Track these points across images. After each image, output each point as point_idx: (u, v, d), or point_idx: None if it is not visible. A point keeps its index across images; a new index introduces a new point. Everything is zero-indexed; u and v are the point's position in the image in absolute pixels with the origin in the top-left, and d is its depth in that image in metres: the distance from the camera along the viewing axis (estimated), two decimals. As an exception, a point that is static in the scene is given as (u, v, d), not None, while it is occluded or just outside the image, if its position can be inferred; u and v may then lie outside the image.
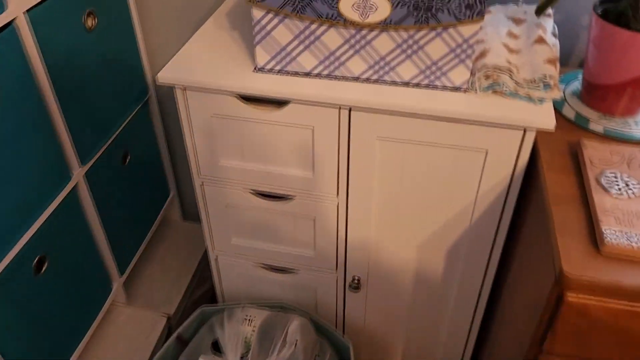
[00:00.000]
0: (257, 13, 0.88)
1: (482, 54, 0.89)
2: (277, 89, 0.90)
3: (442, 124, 0.89)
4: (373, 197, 1.01)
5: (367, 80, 0.91)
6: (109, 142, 1.19)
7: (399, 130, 0.91)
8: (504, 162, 0.91)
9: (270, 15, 0.87)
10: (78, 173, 1.10)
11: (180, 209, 1.63)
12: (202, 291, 1.54)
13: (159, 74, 0.93)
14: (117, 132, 1.22)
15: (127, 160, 1.29)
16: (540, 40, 0.91)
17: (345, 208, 1.05)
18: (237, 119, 0.98)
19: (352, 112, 0.91)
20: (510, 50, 0.92)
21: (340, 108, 0.91)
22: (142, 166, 1.37)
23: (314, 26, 0.87)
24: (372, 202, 1.02)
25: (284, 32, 0.88)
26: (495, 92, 0.88)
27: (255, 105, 0.95)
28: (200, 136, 1.02)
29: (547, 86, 0.85)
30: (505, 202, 0.95)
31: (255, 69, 0.95)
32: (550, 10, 1.00)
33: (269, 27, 0.88)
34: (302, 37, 0.88)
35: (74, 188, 1.10)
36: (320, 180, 1.01)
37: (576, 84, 1.01)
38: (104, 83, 1.15)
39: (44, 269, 1.04)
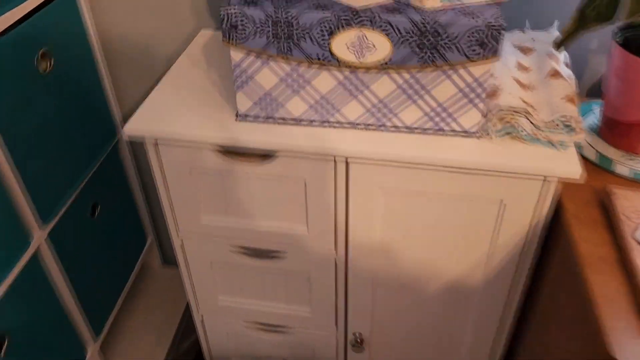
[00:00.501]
0: (235, 55, 0.76)
1: (494, 93, 0.78)
2: (262, 139, 0.79)
3: (452, 174, 0.78)
4: (375, 251, 0.91)
5: (365, 126, 0.80)
6: (75, 195, 1.06)
7: (403, 180, 0.81)
8: (521, 213, 0.80)
9: (251, 58, 0.76)
10: (39, 235, 0.97)
11: (160, 254, 1.50)
12: (189, 343, 1.42)
13: (125, 127, 0.81)
14: (84, 183, 1.09)
15: (97, 212, 1.16)
16: (556, 74, 0.82)
17: (344, 263, 0.94)
18: (219, 173, 0.86)
19: (349, 163, 0.80)
20: (522, 86, 0.82)
21: (335, 159, 0.80)
22: (115, 215, 1.24)
23: (302, 69, 0.76)
24: (374, 255, 0.91)
25: (268, 75, 0.77)
26: (510, 136, 0.77)
27: (239, 158, 0.83)
28: (178, 192, 0.90)
29: (569, 128, 0.75)
30: (523, 256, 0.85)
31: (236, 116, 0.83)
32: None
33: (250, 71, 0.77)
34: (289, 80, 0.77)
35: (36, 253, 0.97)
36: (316, 235, 0.90)
37: (592, 118, 0.92)
38: (65, 130, 1.02)
39: (4, 348, 0.91)
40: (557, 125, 0.75)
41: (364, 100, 0.78)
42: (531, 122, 0.76)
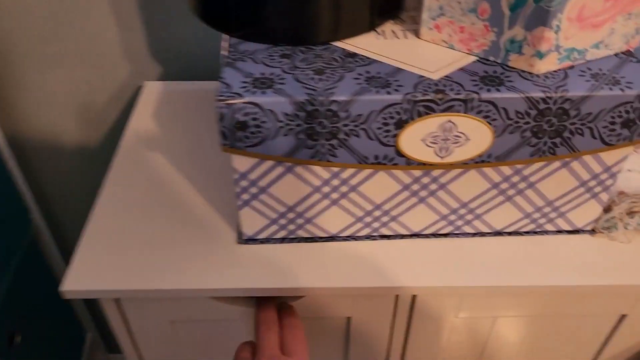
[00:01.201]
0: (241, 164, 0.47)
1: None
2: (281, 279, 0.51)
3: (559, 292, 0.56)
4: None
5: (434, 235, 0.55)
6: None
7: (488, 306, 0.57)
8: (645, 323, 0.60)
9: (268, 165, 0.48)
10: None
11: (104, 346, 1.18)
12: None
13: (64, 287, 0.50)
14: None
15: (15, 341, 0.83)
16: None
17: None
18: (214, 320, 0.58)
19: (416, 296, 0.55)
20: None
21: (397, 295, 0.55)
22: (42, 331, 0.91)
23: (349, 174, 0.49)
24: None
25: (292, 186, 0.49)
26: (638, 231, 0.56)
27: (246, 304, 0.55)
28: (151, 348, 0.60)
29: None
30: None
31: (239, 239, 0.55)
32: None
33: (264, 183, 0.49)
34: (325, 190, 0.50)
35: None
36: (358, 375, 0.65)
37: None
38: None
39: None
40: (700, 211, 0.54)
41: (437, 205, 0.52)
42: (667, 212, 0.55)
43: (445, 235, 0.55)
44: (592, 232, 0.56)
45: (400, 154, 0.47)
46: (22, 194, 0.85)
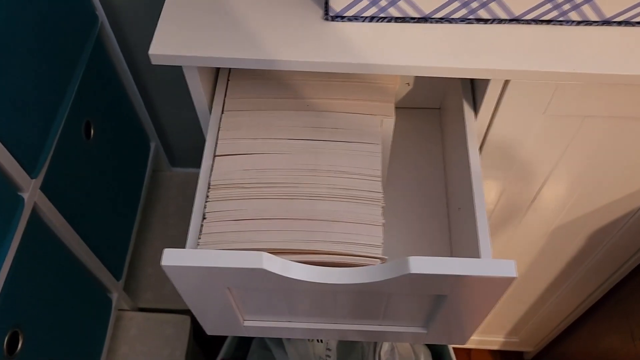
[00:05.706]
0: None
1: None
2: (366, 56, 0.49)
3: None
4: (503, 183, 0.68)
5: (535, 21, 0.51)
6: (60, 129, 0.75)
7: (579, 104, 0.54)
8: None
9: None
10: (31, 194, 0.69)
11: (167, 159, 1.24)
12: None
13: (151, 50, 0.50)
14: (68, 109, 0.77)
15: (92, 134, 0.86)
16: None
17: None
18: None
19: (509, 84, 0.53)
20: None
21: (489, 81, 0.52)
22: (112, 128, 0.95)
23: None
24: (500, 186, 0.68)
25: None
26: None
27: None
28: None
29: None
30: None
31: (326, 15, 0.52)
32: None
33: (361, -59, 0.45)
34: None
35: (33, 212, 0.70)
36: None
37: None
38: (32, 46, 0.68)
39: (20, 344, 0.69)
40: None
41: (547, -18, 0.47)
42: None
43: (548, 22, 0.51)
44: None
45: None
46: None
